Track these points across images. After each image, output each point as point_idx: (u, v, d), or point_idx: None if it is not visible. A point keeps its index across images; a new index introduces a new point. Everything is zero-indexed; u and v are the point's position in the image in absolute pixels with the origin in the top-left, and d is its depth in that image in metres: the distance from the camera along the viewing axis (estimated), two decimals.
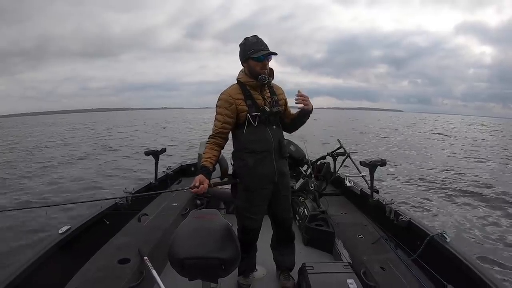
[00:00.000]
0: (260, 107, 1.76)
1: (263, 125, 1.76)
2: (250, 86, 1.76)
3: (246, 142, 1.76)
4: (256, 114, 1.74)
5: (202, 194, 1.69)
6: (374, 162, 2.42)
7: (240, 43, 1.77)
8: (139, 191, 2.71)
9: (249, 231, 1.88)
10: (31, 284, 1.44)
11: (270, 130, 1.78)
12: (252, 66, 1.73)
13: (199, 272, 1.34)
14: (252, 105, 1.74)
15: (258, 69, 1.72)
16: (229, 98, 1.74)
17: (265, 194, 1.83)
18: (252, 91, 1.77)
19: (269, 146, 1.77)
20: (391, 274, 1.73)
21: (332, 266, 1.83)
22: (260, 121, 1.75)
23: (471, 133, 28.28)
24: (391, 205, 2.26)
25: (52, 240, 1.71)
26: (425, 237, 1.79)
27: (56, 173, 8.61)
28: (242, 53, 1.75)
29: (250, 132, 1.75)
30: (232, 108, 1.73)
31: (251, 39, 1.72)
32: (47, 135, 23.31)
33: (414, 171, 8.73)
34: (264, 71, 1.73)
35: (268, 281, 2.08)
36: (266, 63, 1.73)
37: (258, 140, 1.76)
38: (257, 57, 1.70)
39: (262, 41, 1.72)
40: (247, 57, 1.72)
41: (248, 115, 1.73)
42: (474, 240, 4.19)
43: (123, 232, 2.28)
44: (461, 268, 1.52)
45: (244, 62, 1.77)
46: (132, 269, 1.77)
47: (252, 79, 1.74)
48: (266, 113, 1.76)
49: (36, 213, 4.84)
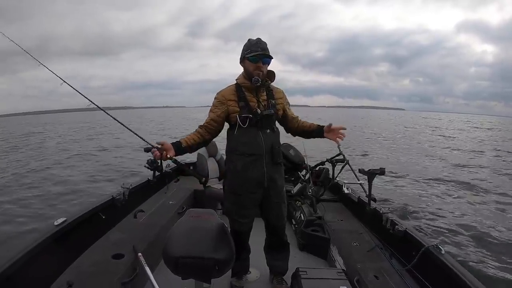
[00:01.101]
0: (253, 110, 1.72)
1: (254, 128, 1.73)
2: (245, 87, 1.75)
3: (237, 143, 1.75)
4: (246, 116, 1.71)
5: (156, 162, 1.68)
6: (373, 170, 2.42)
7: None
8: (136, 187, 2.71)
9: (238, 233, 1.86)
10: (23, 275, 1.44)
11: (262, 134, 1.74)
12: (246, 67, 1.73)
13: (193, 271, 1.34)
14: (245, 107, 1.72)
15: (252, 70, 1.70)
16: (222, 98, 1.76)
17: (253, 198, 1.79)
18: (246, 92, 1.75)
19: (259, 150, 1.73)
20: (384, 283, 1.72)
21: (326, 272, 1.83)
22: (251, 123, 1.72)
23: (477, 133, 28.00)
24: (388, 214, 2.25)
25: (47, 232, 1.70)
26: (420, 248, 1.79)
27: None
28: (241, 54, 1.76)
29: (241, 134, 1.73)
30: (223, 108, 1.74)
31: (252, 40, 1.72)
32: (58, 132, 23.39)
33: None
34: (258, 73, 1.70)
35: (261, 284, 2.08)
36: (260, 65, 1.70)
37: (249, 142, 1.72)
38: (251, 57, 1.69)
39: (262, 43, 1.70)
40: (243, 56, 1.73)
41: (237, 117, 1.71)
42: (469, 252, 4.18)
43: (118, 227, 2.27)
44: (455, 280, 1.52)
45: (241, 62, 1.77)
46: (126, 265, 1.76)
47: (247, 81, 1.73)
48: (257, 116, 1.72)
49: (33, 204, 4.85)
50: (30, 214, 4.82)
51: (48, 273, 1.59)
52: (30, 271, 1.48)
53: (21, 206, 5.24)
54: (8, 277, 1.35)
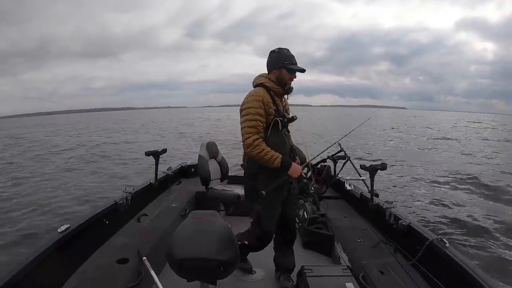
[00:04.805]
0: (281, 113, 1.87)
1: (282, 130, 1.87)
2: (275, 92, 1.86)
3: (270, 145, 1.80)
4: (281, 119, 1.84)
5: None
6: (374, 166, 2.42)
7: (272, 51, 1.87)
8: (139, 192, 2.71)
9: (270, 235, 1.95)
10: (29, 282, 1.44)
11: (285, 136, 1.92)
12: (283, 75, 1.84)
13: (198, 273, 1.34)
14: (277, 110, 1.85)
15: (287, 79, 1.85)
16: (262, 99, 1.79)
17: (283, 195, 1.94)
18: (275, 97, 1.87)
19: (286, 150, 1.89)
20: (390, 278, 1.72)
21: (331, 270, 1.83)
22: (282, 126, 1.86)
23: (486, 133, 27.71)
24: (391, 209, 2.25)
25: (51, 239, 1.70)
26: (425, 242, 1.79)
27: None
28: (275, 60, 1.84)
29: (273, 135, 1.82)
30: (263, 108, 1.80)
31: (286, 51, 1.85)
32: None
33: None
34: (291, 82, 1.87)
35: (267, 283, 2.08)
36: (295, 76, 1.87)
37: (280, 143, 1.85)
38: (292, 68, 1.83)
39: (294, 56, 1.86)
40: (282, 65, 1.82)
41: (276, 120, 1.82)
42: (473, 244, 4.18)
43: (122, 232, 2.27)
44: (460, 273, 1.52)
45: (276, 69, 1.85)
46: (131, 269, 1.77)
47: (279, 87, 1.85)
48: (285, 119, 1.88)
49: (36, 211, 4.85)
50: (35, 219, 4.83)
51: (53, 280, 1.59)
52: (35, 279, 1.48)
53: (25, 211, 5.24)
54: (13, 285, 1.35)
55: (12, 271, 1.39)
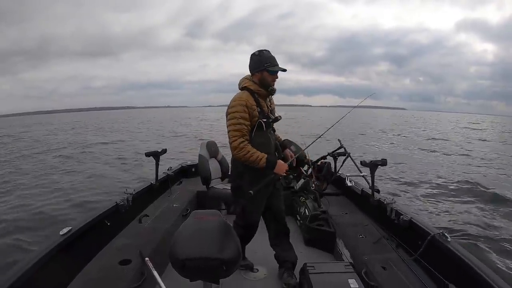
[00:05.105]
0: (266, 114, 1.93)
1: (266, 130, 1.93)
2: (259, 94, 1.92)
3: (255, 145, 1.87)
4: (265, 121, 1.90)
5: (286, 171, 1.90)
6: (374, 162, 2.42)
7: (253, 53, 1.92)
8: (139, 192, 2.71)
9: (255, 224, 2.03)
10: (32, 285, 1.44)
11: (270, 135, 1.98)
12: (265, 77, 1.90)
13: (200, 272, 1.34)
14: (261, 112, 1.90)
15: (270, 80, 1.90)
16: (246, 103, 1.85)
17: (268, 191, 1.98)
18: (260, 99, 1.92)
19: (271, 149, 1.96)
20: (392, 274, 1.72)
21: (334, 266, 1.83)
22: (267, 126, 1.92)
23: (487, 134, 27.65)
24: (392, 204, 2.25)
25: (53, 242, 1.70)
26: (427, 237, 1.79)
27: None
28: (256, 63, 1.89)
29: (257, 136, 1.89)
30: (248, 112, 1.86)
31: (266, 53, 1.89)
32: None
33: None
34: (273, 83, 1.92)
35: (270, 281, 2.08)
36: (277, 77, 1.93)
37: (265, 143, 1.92)
38: (272, 70, 1.88)
39: (274, 57, 1.92)
40: (263, 68, 1.87)
41: (260, 121, 1.88)
42: (475, 238, 4.18)
43: (124, 233, 2.27)
44: (463, 267, 1.52)
45: (258, 72, 1.90)
46: (133, 270, 1.77)
47: (262, 89, 1.91)
48: (270, 120, 1.94)
49: (38, 213, 4.84)
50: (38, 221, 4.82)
51: (56, 283, 1.60)
52: (38, 282, 1.48)
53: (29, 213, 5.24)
54: None
55: (15, 274, 1.39)
